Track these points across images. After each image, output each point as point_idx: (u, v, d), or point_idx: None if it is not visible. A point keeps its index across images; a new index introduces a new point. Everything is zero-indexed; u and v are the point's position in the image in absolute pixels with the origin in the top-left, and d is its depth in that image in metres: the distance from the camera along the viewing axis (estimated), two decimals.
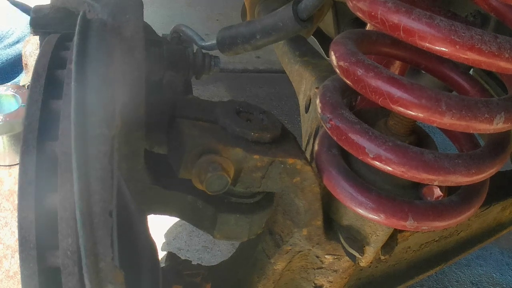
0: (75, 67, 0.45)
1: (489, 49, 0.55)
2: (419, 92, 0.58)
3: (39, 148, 0.44)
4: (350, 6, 0.66)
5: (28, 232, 0.42)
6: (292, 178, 0.65)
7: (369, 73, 0.61)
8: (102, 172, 0.42)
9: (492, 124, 0.59)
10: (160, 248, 1.46)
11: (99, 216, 0.41)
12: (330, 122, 0.66)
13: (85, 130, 0.42)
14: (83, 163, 0.41)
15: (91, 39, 0.48)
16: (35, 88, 0.47)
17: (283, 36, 0.82)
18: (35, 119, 0.45)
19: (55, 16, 0.60)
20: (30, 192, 0.42)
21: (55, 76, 0.50)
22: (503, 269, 1.55)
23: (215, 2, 3.09)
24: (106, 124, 0.43)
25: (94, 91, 0.44)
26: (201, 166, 0.57)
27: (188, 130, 0.58)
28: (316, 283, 0.84)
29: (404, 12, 0.57)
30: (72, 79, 0.44)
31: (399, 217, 0.65)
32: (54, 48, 0.52)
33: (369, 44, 0.74)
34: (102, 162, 0.42)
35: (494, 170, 0.65)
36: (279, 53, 1.18)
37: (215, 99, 0.66)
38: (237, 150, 0.59)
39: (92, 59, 0.46)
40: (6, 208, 0.48)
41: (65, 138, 0.43)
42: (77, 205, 0.40)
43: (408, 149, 0.62)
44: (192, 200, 0.65)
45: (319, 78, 0.97)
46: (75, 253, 0.41)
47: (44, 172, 0.43)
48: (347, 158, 0.71)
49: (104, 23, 0.51)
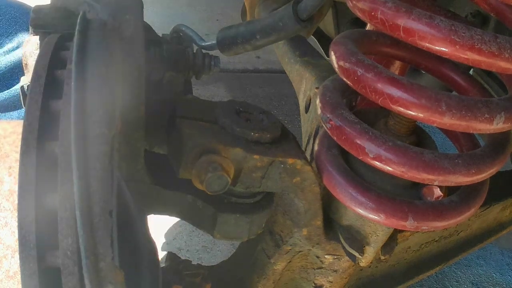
0: (75, 67, 0.45)
1: (489, 49, 0.55)
2: (419, 92, 0.58)
3: (39, 148, 0.44)
4: (350, 6, 0.66)
5: (28, 232, 0.42)
6: (292, 178, 0.65)
7: (369, 73, 0.61)
8: (102, 172, 0.42)
9: (492, 124, 0.59)
10: (160, 248, 1.46)
11: (99, 216, 0.41)
12: (330, 122, 0.66)
13: (85, 130, 0.42)
14: (83, 163, 0.41)
15: (91, 39, 0.48)
16: (35, 88, 0.47)
17: (283, 36, 0.82)
18: (35, 119, 0.45)
19: (55, 16, 0.60)
20: (30, 192, 0.42)
21: (55, 76, 0.50)
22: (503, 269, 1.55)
23: (215, 2, 3.09)
24: (106, 124, 0.43)
25: (94, 91, 0.44)
26: (201, 166, 0.57)
27: (188, 130, 0.58)
28: (316, 283, 0.84)
29: (404, 12, 0.57)
30: (72, 79, 0.44)
31: (399, 217, 0.65)
32: (54, 48, 0.52)
33: (369, 44, 0.74)
34: (102, 162, 0.42)
35: (494, 170, 0.65)
36: (279, 53, 1.18)
37: (215, 99, 0.66)
38: (237, 150, 0.59)
39: (92, 59, 0.46)
40: (6, 208, 0.48)
41: (65, 138, 0.43)
42: (77, 205, 0.40)
43: (408, 149, 0.62)
44: (192, 200, 0.65)
45: (319, 78, 0.97)
46: (75, 253, 0.41)
47: (44, 172, 0.43)
48: (347, 158, 0.71)
49: (104, 23, 0.51)
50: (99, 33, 0.49)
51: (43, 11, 0.60)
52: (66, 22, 0.60)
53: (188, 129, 0.58)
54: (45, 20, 0.60)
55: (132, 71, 0.52)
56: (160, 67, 0.64)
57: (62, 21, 0.60)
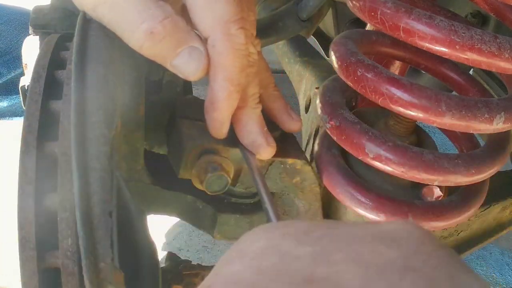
0: (74, 67, 0.45)
1: (489, 49, 0.55)
2: (419, 92, 0.58)
3: (39, 148, 0.44)
4: (350, 6, 0.66)
5: (28, 232, 0.42)
6: (292, 178, 0.65)
7: (369, 73, 0.61)
8: (102, 172, 0.42)
9: (492, 124, 0.59)
10: (160, 248, 1.46)
11: (99, 217, 0.41)
12: (330, 122, 0.66)
13: (84, 131, 0.43)
14: (83, 163, 0.41)
15: (91, 39, 0.48)
16: (35, 89, 0.47)
17: (283, 36, 0.82)
18: (34, 119, 0.45)
19: (55, 16, 0.60)
20: (30, 193, 0.43)
21: (54, 76, 0.50)
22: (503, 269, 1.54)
23: None
24: (106, 125, 0.43)
25: (94, 91, 0.44)
26: (201, 166, 0.57)
27: (188, 130, 0.58)
28: None
29: (404, 12, 0.57)
30: (72, 80, 0.44)
31: (399, 217, 0.65)
32: (54, 48, 0.52)
33: (369, 44, 0.74)
34: (102, 162, 0.42)
35: (494, 170, 0.65)
36: (279, 53, 1.18)
37: None
38: (237, 150, 0.59)
39: (92, 59, 0.46)
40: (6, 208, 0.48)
41: (65, 139, 0.43)
42: (76, 206, 0.40)
43: (408, 149, 0.62)
44: (192, 200, 0.64)
45: (319, 78, 0.97)
46: (75, 253, 0.41)
47: (44, 173, 0.43)
48: (347, 158, 0.71)
49: None
50: (99, 33, 0.49)
51: (43, 11, 0.60)
52: (66, 22, 0.60)
53: (187, 129, 0.58)
54: (45, 20, 0.60)
55: (132, 71, 0.52)
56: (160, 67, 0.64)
57: (62, 21, 0.60)
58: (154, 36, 0.46)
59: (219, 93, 0.52)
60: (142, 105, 0.54)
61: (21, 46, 0.61)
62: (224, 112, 0.54)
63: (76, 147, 0.41)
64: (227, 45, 0.49)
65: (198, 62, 0.49)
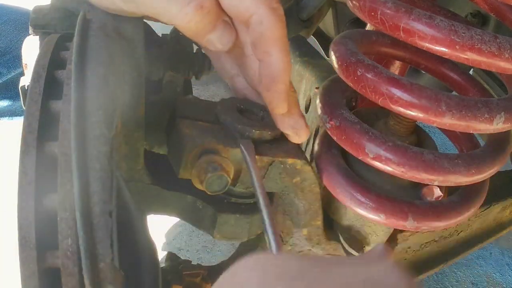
0: (74, 67, 0.45)
1: (489, 49, 0.55)
2: (419, 92, 0.58)
3: (39, 148, 0.44)
4: (350, 6, 0.66)
5: (28, 232, 0.42)
6: (292, 178, 0.65)
7: (369, 73, 0.61)
8: (102, 172, 0.42)
9: (492, 124, 0.59)
10: (160, 248, 1.46)
11: (98, 217, 0.41)
12: (330, 122, 0.66)
13: (84, 131, 0.42)
14: (83, 163, 0.41)
15: (91, 39, 0.48)
16: (35, 89, 0.47)
17: None
18: (34, 119, 0.45)
19: (55, 16, 0.60)
20: (30, 193, 0.42)
21: (54, 76, 0.50)
22: (503, 269, 1.54)
23: None
24: (105, 125, 0.43)
25: (94, 91, 0.44)
26: (201, 166, 0.57)
27: (188, 130, 0.58)
28: None
29: (404, 12, 0.57)
30: (72, 80, 0.44)
31: (399, 217, 0.65)
32: (53, 48, 0.52)
33: (369, 44, 0.74)
34: (102, 162, 0.42)
35: (494, 170, 0.65)
36: None
37: (216, 99, 0.66)
38: (237, 151, 0.59)
39: (92, 59, 0.46)
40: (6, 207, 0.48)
41: (65, 139, 0.43)
42: (76, 206, 0.40)
43: (408, 149, 0.62)
44: (192, 200, 0.64)
45: (319, 78, 0.97)
46: (75, 253, 0.41)
47: (43, 173, 0.43)
48: (347, 158, 0.71)
49: (104, 23, 0.51)
50: (99, 33, 0.49)
51: (43, 11, 0.60)
52: (66, 22, 0.60)
53: (187, 129, 0.58)
54: (45, 20, 0.60)
55: (131, 71, 0.52)
56: (160, 67, 0.64)
57: (62, 21, 0.60)
58: (203, 10, 0.50)
59: (279, 65, 0.54)
60: (142, 105, 0.54)
61: (21, 46, 0.61)
62: (288, 82, 0.56)
63: (76, 147, 0.41)
64: (275, 18, 0.52)
65: (230, 34, 0.54)
